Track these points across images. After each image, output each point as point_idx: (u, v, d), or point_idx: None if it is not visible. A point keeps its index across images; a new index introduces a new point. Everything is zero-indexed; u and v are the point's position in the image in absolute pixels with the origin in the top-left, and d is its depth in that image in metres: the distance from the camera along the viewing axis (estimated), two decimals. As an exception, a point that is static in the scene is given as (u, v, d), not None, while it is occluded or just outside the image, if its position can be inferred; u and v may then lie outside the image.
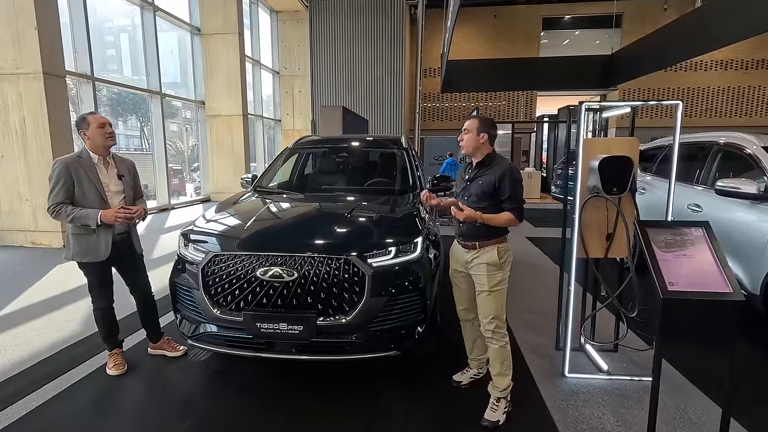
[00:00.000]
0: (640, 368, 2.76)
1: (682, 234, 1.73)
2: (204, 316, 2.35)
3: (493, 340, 2.24)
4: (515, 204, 2.18)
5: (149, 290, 2.83)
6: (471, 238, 2.28)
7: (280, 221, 2.78)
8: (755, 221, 3.08)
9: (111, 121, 2.53)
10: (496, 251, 2.23)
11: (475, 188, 2.25)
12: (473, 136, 2.24)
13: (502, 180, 2.17)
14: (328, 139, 4.48)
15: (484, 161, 2.27)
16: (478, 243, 2.25)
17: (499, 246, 2.25)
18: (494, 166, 2.23)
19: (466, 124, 2.27)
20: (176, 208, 9.91)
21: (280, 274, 2.19)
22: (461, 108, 17.67)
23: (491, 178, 2.19)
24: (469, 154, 2.31)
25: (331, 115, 8.26)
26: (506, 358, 2.25)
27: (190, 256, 2.43)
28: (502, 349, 2.23)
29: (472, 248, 2.28)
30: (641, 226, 1.80)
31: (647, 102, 2.41)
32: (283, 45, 15.35)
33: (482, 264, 2.23)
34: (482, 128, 2.23)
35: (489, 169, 2.23)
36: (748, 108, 16.68)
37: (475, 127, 2.23)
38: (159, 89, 9.36)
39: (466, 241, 2.30)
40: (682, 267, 1.62)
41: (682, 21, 9.51)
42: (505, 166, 2.21)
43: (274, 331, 2.19)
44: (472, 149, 2.27)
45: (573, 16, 17.48)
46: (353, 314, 2.20)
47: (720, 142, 3.83)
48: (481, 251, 2.25)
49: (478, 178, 2.25)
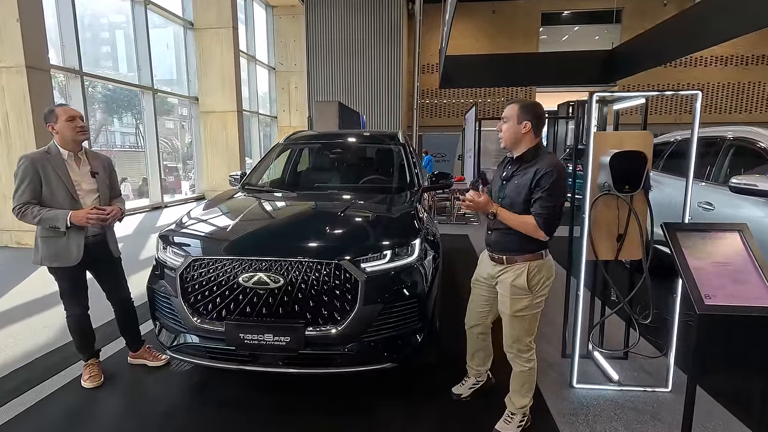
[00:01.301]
0: (653, 377, 2.59)
1: (716, 238, 1.53)
2: (183, 325, 2.17)
3: (515, 362, 2.02)
4: (544, 209, 1.78)
5: (127, 296, 2.63)
6: (499, 250, 1.96)
7: (267, 222, 2.57)
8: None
9: (82, 114, 2.34)
10: (525, 272, 1.88)
11: (511, 188, 1.90)
12: (513, 125, 1.87)
13: (540, 178, 1.78)
14: (322, 134, 4.28)
15: (524, 156, 1.89)
16: (506, 257, 1.94)
17: (532, 264, 1.89)
18: (536, 162, 1.84)
19: (505, 112, 1.91)
20: (170, 206, 9.70)
21: (265, 280, 2.00)
22: (459, 105, 17.47)
23: (529, 177, 1.82)
24: (508, 147, 1.94)
25: (327, 111, 8.07)
26: (527, 381, 2.02)
27: (168, 261, 2.24)
28: (523, 373, 2.00)
29: (499, 262, 1.97)
30: (670, 229, 1.61)
31: (663, 92, 2.23)
32: (278, 40, 15.11)
33: (507, 283, 1.93)
34: (525, 115, 1.85)
35: (529, 166, 1.86)
36: (748, 104, 16.53)
37: (516, 113, 1.86)
38: (151, 85, 9.14)
39: (493, 252, 2.00)
40: (719, 277, 1.41)
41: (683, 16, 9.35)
42: (547, 162, 1.82)
43: (259, 343, 2.01)
44: (512, 141, 1.89)
45: (572, 11, 17.29)
46: (345, 324, 2.01)
47: (731, 137, 3.66)
48: (509, 268, 1.93)
49: (516, 176, 1.89)
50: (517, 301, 1.92)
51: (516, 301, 1.92)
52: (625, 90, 15.20)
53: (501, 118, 1.94)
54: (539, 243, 1.90)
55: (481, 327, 2.21)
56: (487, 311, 2.16)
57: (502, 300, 1.98)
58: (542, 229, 1.80)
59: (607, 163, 2.35)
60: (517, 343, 1.97)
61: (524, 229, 1.84)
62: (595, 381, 2.54)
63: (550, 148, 14.66)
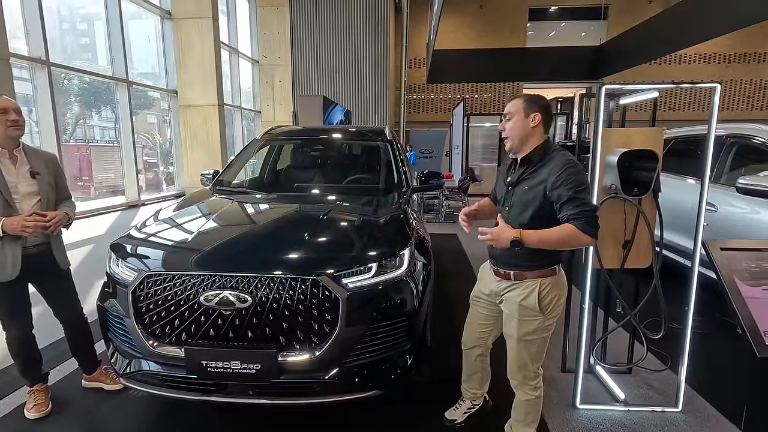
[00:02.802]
0: (660, 395, 2.40)
1: (769, 259, 1.30)
2: (138, 349, 1.88)
3: (520, 389, 1.79)
4: (580, 208, 1.49)
5: (79, 314, 2.33)
6: (505, 265, 1.70)
7: (235, 231, 2.25)
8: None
9: (19, 107, 2.01)
10: (536, 290, 1.64)
11: (519, 195, 1.65)
12: (520, 120, 1.61)
13: (557, 177, 1.51)
14: (303, 129, 3.98)
15: (531, 157, 1.63)
16: (513, 273, 1.68)
17: (543, 282, 1.64)
18: (549, 162, 1.59)
19: (508, 107, 1.65)
20: (147, 204, 9.27)
21: (231, 299, 1.73)
22: (446, 100, 17.25)
23: (541, 179, 1.57)
24: (514, 149, 1.67)
25: (311, 105, 7.75)
26: (533, 411, 1.79)
27: (119, 275, 1.94)
28: (529, 402, 1.77)
29: (505, 278, 1.72)
30: (714, 248, 1.37)
31: (679, 84, 2.01)
32: (262, 32, 14.64)
33: (515, 303, 1.68)
34: (532, 107, 1.60)
35: (539, 166, 1.61)
36: (731, 102, 16.67)
37: (521, 106, 1.61)
38: (125, 77, 8.68)
39: (498, 266, 1.74)
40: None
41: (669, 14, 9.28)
42: (561, 160, 1.56)
43: (225, 371, 1.74)
44: (519, 138, 1.62)
45: (559, 7, 17.18)
46: (324, 348, 1.76)
47: (733, 135, 3.49)
48: (517, 285, 1.68)
49: (524, 180, 1.64)
50: (525, 323, 1.67)
51: (524, 323, 1.68)
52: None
53: (504, 116, 1.67)
54: (553, 257, 1.66)
55: (481, 348, 1.98)
56: (488, 331, 1.92)
57: (508, 321, 1.74)
58: (587, 233, 1.49)
59: (614, 163, 2.14)
60: (523, 369, 1.74)
61: (566, 242, 1.53)
62: (600, 400, 2.34)
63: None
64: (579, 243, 1.55)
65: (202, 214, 2.41)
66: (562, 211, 1.53)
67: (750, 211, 3.08)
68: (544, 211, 1.59)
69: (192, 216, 2.39)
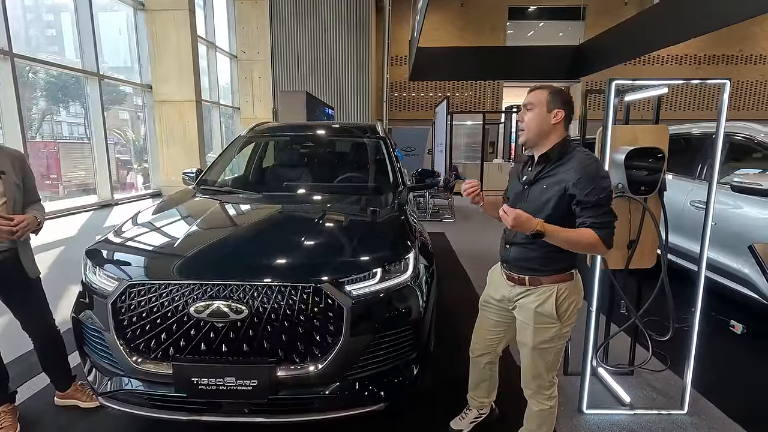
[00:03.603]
0: (663, 396, 2.36)
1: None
2: (119, 366, 1.71)
3: (533, 400, 1.70)
4: (605, 218, 1.43)
5: (50, 326, 2.12)
6: (519, 269, 1.60)
7: (226, 235, 2.08)
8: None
9: None
10: (553, 296, 1.54)
11: (535, 195, 1.54)
12: (542, 114, 1.50)
13: (580, 178, 1.43)
14: (291, 126, 3.81)
15: (550, 154, 1.53)
16: (529, 278, 1.58)
17: (561, 287, 1.55)
18: (568, 161, 1.50)
19: (529, 98, 1.53)
20: (121, 203, 8.88)
21: (224, 311, 1.58)
22: (428, 98, 17.24)
23: (562, 178, 1.47)
24: (529, 143, 1.56)
25: (293, 101, 7.55)
26: (547, 421, 1.71)
27: (97, 285, 1.76)
28: (543, 412, 1.68)
29: (519, 283, 1.62)
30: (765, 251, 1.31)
31: (689, 80, 1.96)
32: (240, 27, 14.26)
33: (530, 310, 1.58)
34: (556, 101, 1.50)
35: (558, 165, 1.52)
36: (701, 102, 17.22)
37: (545, 99, 1.50)
38: (96, 70, 8.28)
39: (511, 270, 1.64)
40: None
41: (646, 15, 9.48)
42: (585, 160, 1.47)
43: (218, 388, 1.59)
44: (537, 134, 1.52)
45: (538, 6, 17.37)
46: (327, 361, 1.63)
47: (729, 133, 3.51)
48: (532, 291, 1.58)
49: (542, 179, 1.54)
50: (542, 331, 1.58)
51: (541, 331, 1.58)
52: (587, 86, 15.48)
53: (524, 106, 1.56)
54: (569, 260, 1.56)
55: (490, 356, 1.88)
56: (499, 338, 1.83)
57: (522, 329, 1.64)
58: (606, 245, 1.42)
59: (621, 161, 2.08)
60: (538, 378, 1.65)
61: (585, 247, 1.47)
62: (605, 404, 2.28)
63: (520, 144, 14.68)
64: (595, 251, 1.56)
65: (187, 216, 2.24)
66: (584, 215, 1.45)
67: (733, 206, 3.12)
68: (560, 211, 1.50)
69: (176, 218, 2.21)
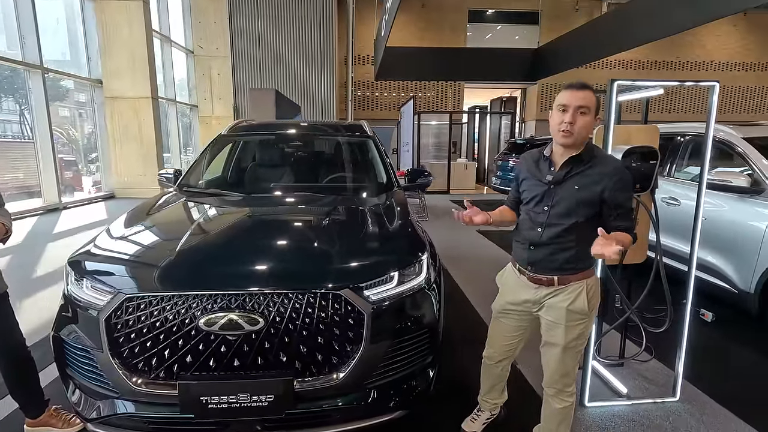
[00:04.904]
0: (655, 385, 2.46)
1: None
2: (113, 388, 1.54)
3: (556, 399, 1.69)
4: (632, 223, 1.55)
5: (19, 345, 1.87)
6: (546, 270, 1.59)
7: (230, 240, 1.93)
8: (746, 216, 2.95)
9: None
10: (584, 292, 1.57)
11: (566, 194, 1.54)
12: (592, 118, 1.49)
13: (616, 183, 1.47)
14: (274, 124, 3.64)
15: (583, 155, 1.53)
16: (558, 278, 1.58)
17: (589, 282, 1.59)
18: (598, 162, 1.52)
19: (584, 100, 1.46)
20: (70, 207, 8.23)
21: (238, 323, 1.46)
22: (392, 98, 17.28)
23: (596, 180, 1.49)
24: (572, 146, 1.53)
25: (262, 100, 7.30)
26: (567, 417, 1.72)
27: (85, 299, 1.58)
28: (565, 410, 1.69)
29: (548, 284, 1.60)
30: None
31: (683, 82, 2.05)
32: (197, 21, 13.64)
33: (561, 309, 1.58)
34: (599, 106, 1.52)
35: (588, 167, 1.52)
36: (637, 104, 18.39)
37: (596, 104, 1.49)
38: (39, 62, 7.61)
39: (538, 273, 1.61)
40: None
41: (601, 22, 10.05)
42: (617, 163, 1.55)
43: (230, 406, 1.47)
44: (583, 138, 1.51)
45: (496, 10, 17.87)
46: (348, 369, 1.55)
47: (691, 134, 3.74)
48: (561, 290, 1.59)
49: (572, 178, 1.54)
50: (573, 328, 1.59)
51: (572, 328, 1.59)
52: (544, 88, 16.12)
53: (576, 108, 1.47)
54: (592, 257, 1.56)
55: (509, 360, 1.89)
56: (518, 342, 1.83)
57: (552, 329, 1.63)
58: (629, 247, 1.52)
59: (619, 160, 2.15)
60: (566, 377, 1.66)
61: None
62: (604, 396, 2.35)
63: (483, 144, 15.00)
64: None
65: (180, 221, 2.07)
66: (619, 220, 1.51)
67: (710, 204, 3.29)
68: (593, 212, 1.53)
69: (169, 223, 2.04)
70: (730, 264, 3.03)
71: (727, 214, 3.09)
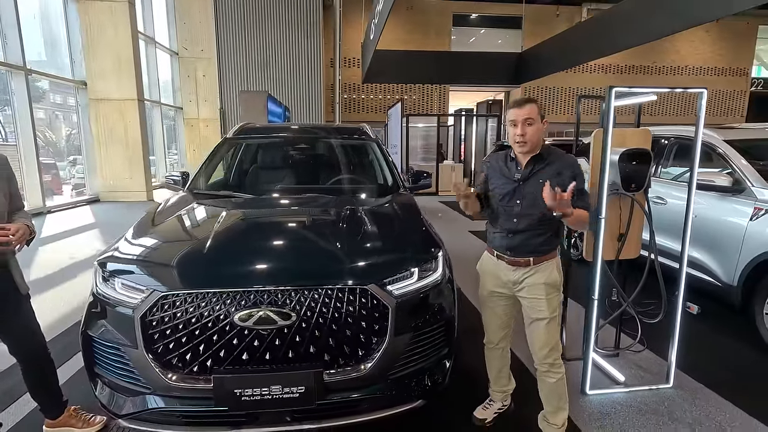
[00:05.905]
0: (650, 374, 2.62)
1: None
2: (146, 384, 1.59)
3: (549, 373, 1.88)
4: (587, 203, 1.82)
5: (41, 346, 1.90)
6: (525, 253, 1.84)
7: (259, 238, 2.00)
8: (728, 214, 3.14)
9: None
10: (555, 267, 1.86)
11: (532, 188, 1.79)
12: (539, 125, 1.76)
13: (574, 171, 1.78)
14: (278, 127, 3.70)
15: (543, 154, 1.84)
16: (533, 258, 1.83)
17: (556, 260, 1.88)
18: (555, 159, 1.83)
19: (528, 112, 1.74)
20: (54, 211, 8.07)
21: (272, 318, 1.53)
22: (378, 101, 17.41)
23: (556, 171, 1.78)
24: (530, 151, 1.81)
25: (253, 102, 7.31)
26: (562, 390, 1.91)
27: (116, 297, 1.62)
28: (558, 383, 1.89)
29: (524, 265, 1.84)
30: None
31: (674, 89, 2.21)
32: (182, 22, 13.50)
33: (539, 285, 1.83)
34: (541, 112, 1.79)
35: (547, 163, 1.82)
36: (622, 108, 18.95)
37: (538, 113, 1.76)
38: (22, 63, 7.45)
39: (516, 255, 1.85)
40: None
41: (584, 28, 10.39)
42: (569, 157, 1.85)
43: (263, 398, 1.53)
44: (537, 143, 1.80)
45: (480, 15, 18.20)
46: (374, 361, 1.63)
47: (676, 136, 3.94)
48: (536, 269, 1.84)
49: (537, 175, 1.81)
50: (552, 300, 1.84)
51: (551, 300, 1.84)
52: (527, 91, 16.49)
53: (523, 121, 1.75)
54: (556, 242, 1.90)
55: (507, 340, 2.08)
56: (508, 319, 2.04)
57: (534, 304, 1.85)
58: None
59: (615, 161, 2.29)
60: (555, 350, 1.88)
61: (582, 224, 1.82)
62: (602, 385, 2.49)
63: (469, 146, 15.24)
64: (585, 227, 1.95)
65: (200, 221, 2.11)
66: (579, 202, 1.75)
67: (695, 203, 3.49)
68: None
69: (188, 224, 2.08)
70: (714, 259, 3.22)
71: (711, 212, 3.28)
